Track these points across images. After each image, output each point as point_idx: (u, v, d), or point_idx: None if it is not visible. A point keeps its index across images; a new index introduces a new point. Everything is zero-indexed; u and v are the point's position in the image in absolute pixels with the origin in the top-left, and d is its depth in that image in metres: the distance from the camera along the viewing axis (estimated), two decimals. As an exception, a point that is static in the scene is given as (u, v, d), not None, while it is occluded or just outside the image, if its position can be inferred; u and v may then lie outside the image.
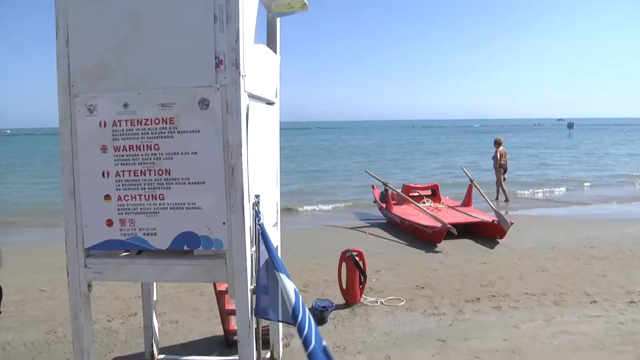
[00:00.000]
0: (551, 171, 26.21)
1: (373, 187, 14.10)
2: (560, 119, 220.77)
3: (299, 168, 28.67)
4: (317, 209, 15.22)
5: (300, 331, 2.70)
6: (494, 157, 15.70)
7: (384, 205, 12.42)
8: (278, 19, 4.16)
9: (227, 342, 5.08)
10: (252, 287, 2.97)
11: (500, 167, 15.59)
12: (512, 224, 9.99)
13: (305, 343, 2.83)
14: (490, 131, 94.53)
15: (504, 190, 15.76)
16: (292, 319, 2.74)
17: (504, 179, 15.98)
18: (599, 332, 5.34)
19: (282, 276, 2.84)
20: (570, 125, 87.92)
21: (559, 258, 8.54)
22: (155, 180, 2.99)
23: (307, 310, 2.72)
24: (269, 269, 2.93)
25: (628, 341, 5.11)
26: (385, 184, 12.34)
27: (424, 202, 12.43)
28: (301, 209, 15.16)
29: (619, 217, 13.20)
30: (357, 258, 6.25)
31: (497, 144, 15.83)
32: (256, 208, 3.02)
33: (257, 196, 3.05)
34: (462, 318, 5.79)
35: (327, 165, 31.35)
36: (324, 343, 2.58)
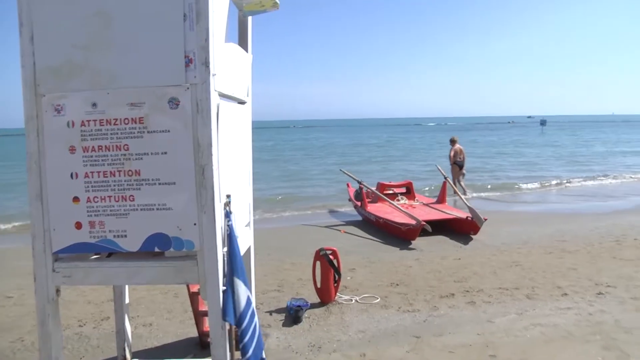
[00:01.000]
0: (527, 167, 26.62)
1: (348, 185, 14.15)
2: (530, 117, 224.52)
3: (276, 166, 28.60)
4: (293, 207, 15.17)
5: (241, 338, 2.74)
6: (449, 155, 16.43)
7: (358, 203, 12.46)
8: (249, 18, 4.14)
9: (202, 344, 5.04)
10: (224, 288, 2.96)
11: (455, 164, 16.18)
12: (485, 220, 10.10)
13: (243, 351, 2.87)
14: (469, 129, 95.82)
15: (461, 187, 16.13)
16: (236, 324, 2.78)
17: (463, 175, 16.59)
18: (569, 324, 5.46)
19: (238, 282, 2.85)
20: (542, 123, 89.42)
21: (532, 253, 8.68)
22: (125, 181, 2.94)
23: (255, 320, 2.75)
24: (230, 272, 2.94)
25: (596, 331, 5.24)
26: (359, 182, 12.40)
27: (398, 200, 12.50)
28: (278, 207, 15.09)
29: (590, 211, 13.45)
30: (331, 256, 6.26)
31: (453, 142, 16.57)
32: (227, 208, 3.00)
33: (228, 196, 3.03)
34: (436, 314, 5.84)
35: (304, 163, 31.34)
36: (264, 355, 2.62)
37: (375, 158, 34.61)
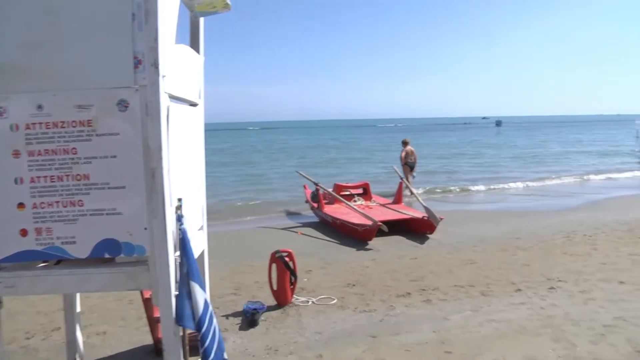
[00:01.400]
0: (484, 167, 27.21)
1: (305, 187, 14.14)
2: (485, 117, 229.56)
3: (235, 169, 28.31)
4: (251, 210, 15.05)
5: (201, 342, 2.72)
6: (400, 156, 16.83)
7: (315, 205, 12.47)
8: (201, 19, 4.08)
9: (157, 351, 4.94)
10: (176, 293, 2.90)
11: (406, 165, 16.51)
12: (441, 219, 10.27)
13: (204, 355, 2.84)
14: (425, 130, 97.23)
15: (408, 187, 16.40)
16: (196, 328, 2.75)
17: (413, 176, 16.94)
18: (522, 318, 5.62)
19: (195, 285, 2.82)
20: (498, 123, 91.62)
21: (487, 250, 8.89)
22: (73, 185, 2.85)
23: (214, 324, 2.73)
24: (185, 275, 2.90)
25: (547, 324, 5.42)
26: (316, 184, 12.42)
27: (355, 201, 12.59)
28: (235, 210, 14.94)
29: (543, 209, 13.85)
30: (286, 258, 6.26)
31: (404, 143, 16.97)
32: (179, 212, 2.95)
33: (179, 200, 2.98)
34: (392, 313, 5.91)
35: (262, 166, 31.04)
36: (225, 356, 2.60)
37: (334, 160, 34.69)
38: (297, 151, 45.55)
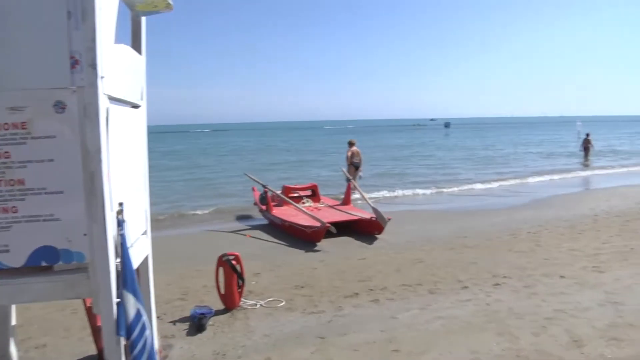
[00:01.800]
0: (434, 169, 27.64)
1: (253, 189, 14.02)
2: (432, 119, 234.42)
3: (184, 172, 27.79)
4: (199, 213, 14.79)
5: (131, 350, 2.67)
6: (346, 156, 16.82)
7: (264, 207, 12.39)
8: (143, 19, 3.99)
9: (100, 361, 4.79)
10: (118, 300, 2.82)
11: (351, 165, 16.54)
12: (389, 219, 10.38)
13: None
14: (373, 131, 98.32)
15: (356, 188, 16.56)
16: (126, 336, 2.70)
17: (360, 176, 17.00)
18: (468, 314, 5.75)
19: (126, 294, 2.75)
20: (447, 125, 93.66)
21: (435, 249, 9.04)
22: (6, 191, 2.73)
23: (146, 333, 2.68)
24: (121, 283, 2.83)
25: (492, 319, 5.57)
26: (264, 186, 12.33)
27: (303, 203, 12.58)
28: (183, 214, 14.66)
29: (489, 208, 14.21)
30: (233, 262, 6.18)
31: (350, 144, 17.01)
32: (120, 217, 2.86)
33: (120, 204, 2.89)
34: (341, 314, 5.93)
35: (212, 168, 30.53)
36: None
37: (284, 162, 34.56)
38: (248, 153, 45.15)
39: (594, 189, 18.55)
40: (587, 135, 31.50)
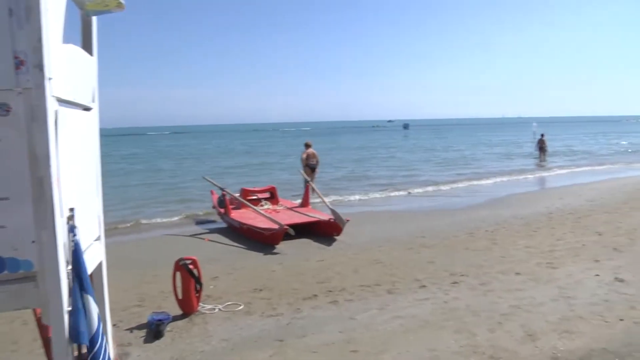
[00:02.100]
0: (393, 170, 27.83)
1: (212, 192, 13.87)
2: (390, 121, 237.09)
3: (143, 176, 27.21)
4: (157, 217, 14.48)
5: (95, 358, 2.60)
6: (301, 158, 16.88)
7: (222, 210, 12.25)
8: (94, 18, 3.87)
9: (52, 373, 4.63)
10: (69, 309, 2.72)
11: (307, 167, 16.55)
12: (347, 220, 10.42)
13: None
14: (333, 133, 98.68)
15: (314, 190, 16.60)
16: (90, 345, 2.62)
17: (314, 177, 16.95)
18: (426, 313, 5.84)
19: (88, 298, 2.67)
20: (405, 126, 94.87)
21: (393, 250, 9.13)
22: (-53, 198, 2.60)
23: (105, 339, 2.62)
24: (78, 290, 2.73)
25: (450, 317, 5.68)
26: (222, 189, 12.22)
27: (262, 205, 12.51)
28: (141, 219, 14.32)
29: (448, 208, 14.46)
30: (191, 266, 6.09)
31: (306, 146, 17.02)
32: (71, 222, 2.77)
33: (71, 209, 2.79)
34: (299, 316, 5.93)
35: (169, 172, 29.93)
36: None
37: (244, 165, 34.26)
38: (208, 156, 44.55)
39: (549, 188, 19.11)
40: (542, 135, 32.41)
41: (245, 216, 11.50)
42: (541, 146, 31.63)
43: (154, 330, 5.46)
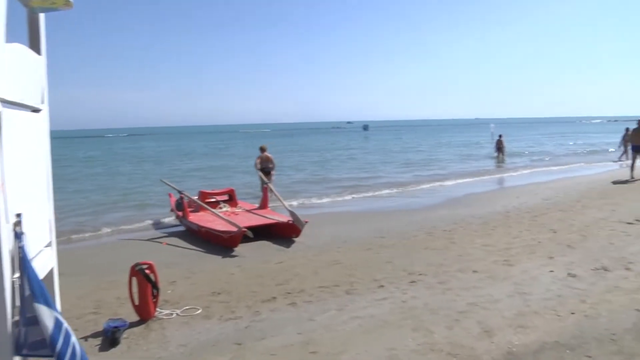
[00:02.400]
0: (352, 170, 28.11)
1: (170, 195, 13.69)
2: (349, 122, 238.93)
3: (94, 179, 26.53)
4: (114, 221, 14.07)
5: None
6: (255, 162, 16.89)
7: (180, 213, 12.11)
8: (41, 16, 3.76)
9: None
10: (15, 320, 2.62)
11: (262, 171, 16.49)
12: (306, 222, 10.43)
13: None
14: (292, 134, 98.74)
15: (273, 191, 16.59)
16: (50, 349, 2.55)
17: (271, 180, 17.00)
18: (385, 313, 5.89)
19: (40, 307, 2.58)
20: (365, 128, 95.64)
21: (352, 250, 9.17)
22: None
23: (72, 340, 2.54)
24: (30, 297, 2.64)
25: (408, 316, 5.74)
26: (180, 192, 12.07)
27: (220, 208, 12.43)
28: (98, 222, 13.97)
29: (407, 208, 14.59)
30: (147, 271, 5.98)
31: (261, 150, 17.05)
32: (18, 229, 2.68)
33: (18, 215, 2.70)
34: (258, 319, 5.90)
35: (127, 175, 29.24)
36: None
37: (206, 167, 33.82)
38: (167, 159, 43.75)
39: (506, 188, 19.54)
40: (500, 136, 33.18)
41: (203, 219, 11.39)
42: (499, 147, 32.39)
43: (109, 338, 5.33)
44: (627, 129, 26.04)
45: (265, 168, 16.69)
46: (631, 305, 5.74)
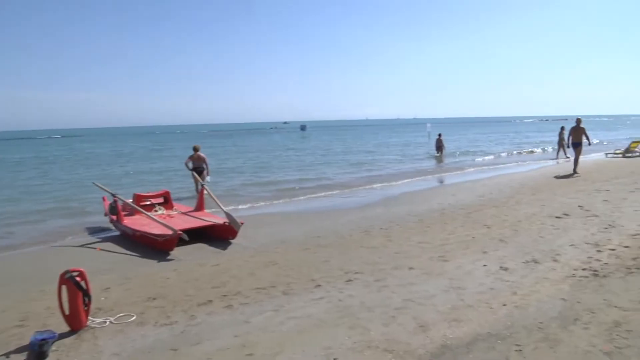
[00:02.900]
0: (293, 170, 28.03)
1: (103, 199, 13.30)
2: (286, 122, 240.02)
3: (23, 184, 25.34)
4: (46, 227, 13.54)
5: None
6: (185, 162, 17.45)
7: (114, 217, 11.78)
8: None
9: None
10: None
11: (195, 170, 16.89)
12: (242, 223, 10.39)
13: None
14: (231, 135, 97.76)
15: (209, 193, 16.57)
16: None
17: (207, 181, 17.43)
18: (321, 312, 5.96)
19: None
20: (303, 128, 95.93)
21: (289, 251, 9.20)
22: None
23: None
24: None
25: (345, 314, 5.83)
26: (114, 195, 11.75)
27: (156, 211, 12.20)
28: (27, 229, 13.37)
29: (344, 207, 14.68)
30: (78, 278, 5.80)
31: (194, 150, 17.44)
32: None
33: None
34: (194, 323, 5.85)
35: (59, 178, 28.05)
36: None
37: (138, 169, 33.00)
38: (101, 161, 42.25)
39: (443, 185, 19.94)
40: (440, 135, 33.99)
41: (138, 223, 11.16)
42: (439, 145, 33.19)
43: (36, 352, 5.10)
44: (563, 127, 27.37)
45: (199, 167, 16.95)
46: (557, 295, 6.06)
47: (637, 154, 26.51)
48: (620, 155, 26.94)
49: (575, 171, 19.56)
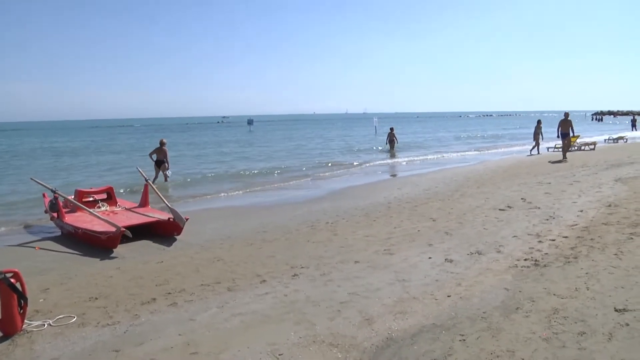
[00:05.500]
0: (238, 165, 27.74)
1: (44, 195, 12.80)
2: (225, 117, 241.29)
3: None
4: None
5: None
6: (149, 154, 19.21)
7: (55, 214, 11.34)
8: None
9: None
10: None
11: (157, 162, 18.82)
12: (187, 219, 10.23)
13: None
14: (182, 130, 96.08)
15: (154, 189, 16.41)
16: None
17: (168, 175, 19.33)
18: (267, 308, 5.94)
19: None
20: (250, 122, 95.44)
21: (234, 246, 9.11)
22: None
23: None
24: None
25: (290, 310, 5.83)
26: (54, 191, 11.27)
27: (99, 207, 11.85)
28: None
29: (290, 202, 14.65)
30: (12, 280, 5.53)
31: (161, 144, 18.97)
32: None
33: None
34: (137, 322, 5.72)
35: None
36: None
37: (80, 163, 31.95)
38: (40, 155, 40.57)
39: (390, 179, 20.20)
40: (392, 129, 34.35)
41: (80, 220, 10.79)
42: (391, 139, 33.57)
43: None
44: (539, 121, 28.27)
45: (158, 160, 18.73)
46: (500, 285, 6.22)
47: (576, 147, 27.58)
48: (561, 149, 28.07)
49: (564, 157, 22.28)
